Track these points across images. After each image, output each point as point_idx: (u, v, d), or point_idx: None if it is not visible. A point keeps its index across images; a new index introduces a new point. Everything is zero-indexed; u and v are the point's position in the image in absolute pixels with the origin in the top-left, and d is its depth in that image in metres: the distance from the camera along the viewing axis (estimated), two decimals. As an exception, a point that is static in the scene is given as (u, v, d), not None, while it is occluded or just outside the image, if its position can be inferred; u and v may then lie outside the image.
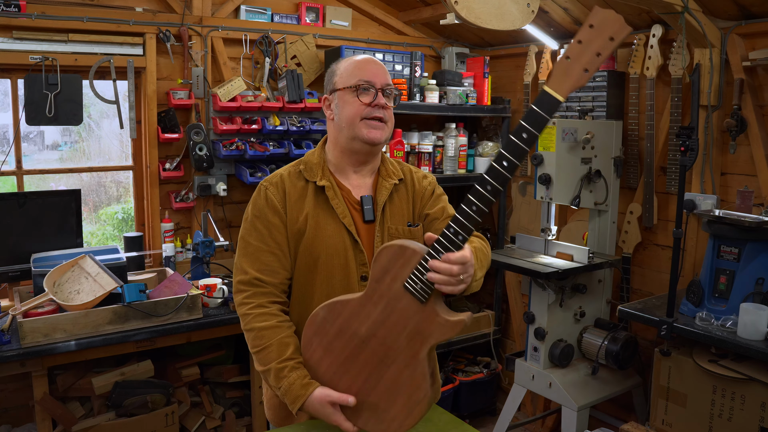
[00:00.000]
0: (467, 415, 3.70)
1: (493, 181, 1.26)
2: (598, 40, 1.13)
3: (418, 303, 1.42)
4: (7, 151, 2.95)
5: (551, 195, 2.88)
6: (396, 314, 1.44)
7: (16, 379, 2.84)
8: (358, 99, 1.62)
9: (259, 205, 1.68)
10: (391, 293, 1.44)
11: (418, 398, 1.47)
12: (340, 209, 1.65)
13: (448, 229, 1.34)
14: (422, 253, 1.38)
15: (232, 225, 3.39)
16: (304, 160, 1.72)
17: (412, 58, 3.52)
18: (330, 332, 1.52)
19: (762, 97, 2.72)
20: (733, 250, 2.42)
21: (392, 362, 1.47)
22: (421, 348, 1.44)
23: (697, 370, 2.43)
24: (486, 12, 2.12)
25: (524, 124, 1.20)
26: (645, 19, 2.97)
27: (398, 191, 1.73)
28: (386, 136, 1.67)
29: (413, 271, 1.40)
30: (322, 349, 1.53)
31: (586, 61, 1.14)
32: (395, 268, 1.42)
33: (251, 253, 1.66)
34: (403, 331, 1.45)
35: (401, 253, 1.41)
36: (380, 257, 1.44)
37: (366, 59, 1.69)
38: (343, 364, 1.51)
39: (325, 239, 1.64)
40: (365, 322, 1.47)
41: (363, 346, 1.49)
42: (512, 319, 3.91)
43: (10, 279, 2.78)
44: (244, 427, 3.02)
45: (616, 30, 1.12)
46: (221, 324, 2.67)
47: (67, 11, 2.85)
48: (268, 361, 1.58)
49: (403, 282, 1.42)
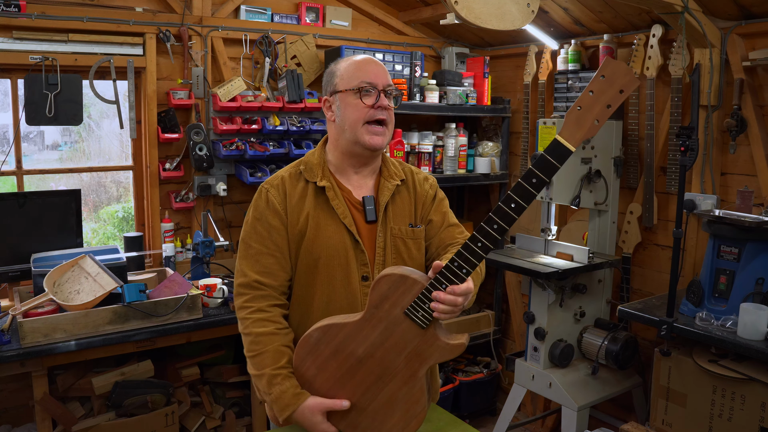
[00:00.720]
0: (467, 415, 3.70)
1: (500, 221, 1.29)
2: (609, 92, 1.15)
3: (419, 327, 1.44)
4: (7, 151, 2.95)
5: (551, 195, 2.88)
6: (395, 337, 1.46)
7: (16, 379, 2.84)
8: (360, 101, 1.62)
9: (260, 207, 1.68)
10: (391, 318, 1.45)
11: (416, 412, 1.49)
12: (340, 209, 1.65)
13: (453, 262, 1.38)
14: (424, 283, 1.41)
15: (232, 225, 3.39)
16: (304, 160, 1.72)
17: (412, 58, 3.52)
18: (324, 353, 1.51)
19: (762, 97, 2.72)
20: (733, 250, 2.42)
21: (390, 380, 1.48)
22: (420, 368, 1.46)
23: (697, 370, 2.43)
24: (486, 12, 2.12)
25: (535, 170, 1.22)
26: (645, 19, 2.97)
27: (400, 192, 1.73)
28: (387, 140, 1.67)
29: (415, 299, 1.42)
30: (316, 368, 1.53)
31: (597, 113, 1.16)
32: (395, 295, 1.44)
33: (251, 256, 1.65)
34: (402, 353, 1.46)
35: (402, 282, 1.43)
36: (379, 285, 1.44)
37: (366, 59, 1.68)
38: (339, 380, 1.51)
39: (326, 240, 1.64)
40: (363, 344, 1.47)
41: (360, 365, 1.49)
42: (512, 319, 3.91)
43: (10, 279, 2.78)
44: (244, 427, 3.02)
45: (626, 83, 1.15)
46: (221, 324, 2.67)
47: (67, 11, 2.85)
48: (262, 366, 1.58)
49: (403, 309, 1.44)
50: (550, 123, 2.87)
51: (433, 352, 1.45)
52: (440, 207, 1.78)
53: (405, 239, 1.69)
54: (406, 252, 1.69)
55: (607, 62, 1.15)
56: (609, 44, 3.11)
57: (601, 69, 1.14)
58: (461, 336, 1.46)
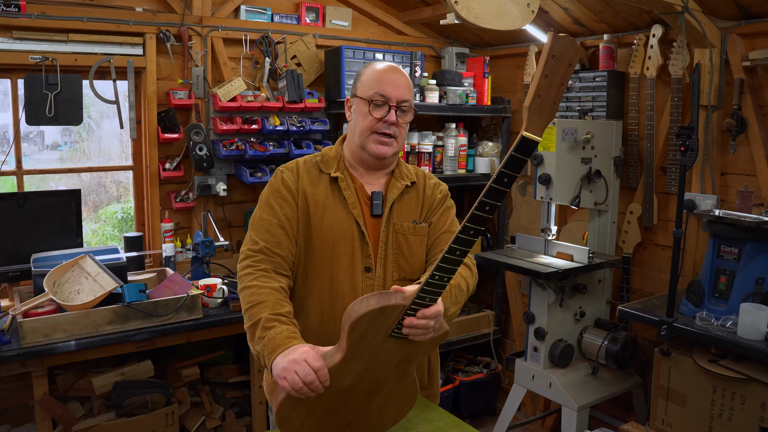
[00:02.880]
0: (467, 415, 3.70)
1: (476, 226, 1.23)
2: (561, 70, 1.11)
3: (404, 340, 1.41)
4: (7, 151, 2.94)
5: (551, 195, 2.88)
6: (381, 357, 1.41)
7: (16, 379, 2.84)
8: (370, 113, 1.65)
9: (274, 185, 1.71)
10: (374, 345, 1.39)
11: (410, 397, 1.52)
12: (351, 200, 1.69)
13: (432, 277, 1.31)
14: (405, 303, 1.35)
15: (232, 225, 3.39)
16: (322, 153, 1.78)
17: (412, 58, 3.52)
18: (309, 401, 1.41)
19: (762, 97, 2.72)
20: (733, 250, 2.42)
21: (381, 389, 1.47)
22: (409, 367, 1.47)
23: (697, 370, 2.43)
24: (486, 12, 2.12)
25: (506, 171, 1.16)
26: (645, 19, 2.97)
27: (408, 192, 1.76)
28: (394, 151, 1.69)
29: (398, 321, 1.37)
30: (304, 416, 1.44)
31: (554, 95, 1.12)
32: (376, 327, 1.36)
33: (263, 227, 1.66)
34: (390, 365, 1.44)
35: (381, 314, 1.34)
36: (359, 324, 1.34)
37: (388, 69, 1.69)
38: (330, 414, 1.46)
39: (335, 225, 1.67)
40: (349, 377, 1.41)
41: (348, 393, 1.44)
42: (512, 319, 3.91)
43: (10, 279, 2.78)
44: (244, 427, 3.02)
45: (573, 55, 1.11)
46: (221, 324, 2.67)
47: (67, 11, 2.85)
48: (258, 313, 1.50)
49: (387, 333, 1.38)
50: (550, 123, 2.86)
51: (419, 350, 1.44)
52: (445, 213, 1.80)
53: (407, 235, 1.73)
54: (407, 248, 1.72)
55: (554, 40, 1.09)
56: (609, 44, 3.11)
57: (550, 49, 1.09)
58: (442, 326, 1.45)
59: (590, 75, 3.19)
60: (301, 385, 1.34)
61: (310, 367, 1.35)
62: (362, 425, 1.52)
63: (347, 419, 1.49)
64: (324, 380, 1.36)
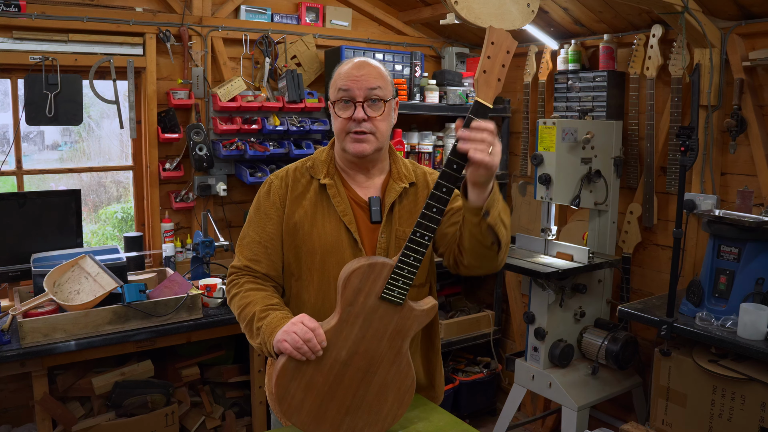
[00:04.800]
0: (467, 415, 3.70)
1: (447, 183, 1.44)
2: (501, 54, 1.40)
3: (395, 307, 1.47)
4: (7, 151, 2.95)
5: (551, 195, 2.88)
6: (375, 325, 1.48)
7: (16, 379, 2.84)
8: (337, 114, 1.61)
9: (261, 197, 1.72)
10: (367, 309, 1.47)
11: (407, 385, 1.53)
12: (341, 207, 1.64)
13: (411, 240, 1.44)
14: (392, 264, 1.46)
15: (232, 225, 3.39)
16: (314, 157, 1.74)
17: (412, 58, 3.52)
18: (307, 372, 1.47)
19: (762, 97, 2.72)
20: (733, 250, 2.42)
21: (378, 368, 1.50)
22: (402, 343, 1.50)
23: (697, 370, 2.43)
24: (486, 12, 2.11)
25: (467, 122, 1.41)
26: (645, 19, 2.97)
27: (408, 194, 1.70)
28: (375, 147, 1.62)
29: (388, 281, 1.46)
30: (302, 391, 1.48)
31: (498, 72, 1.40)
32: (368, 285, 1.46)
33: (246, 244, 1.71)
34: (384, 337, 1.49)
35: (371, 270, 1.46)
36: (350, 281, 1.46)
37: (351, 66, 1.62)
38: (329, 393, 1.49)
39: (323, 236, 1.63)
40: (345, 346, 1.48)
41: (346, 367, 1.49)
42: (512, 319, 3.91)
43: (10, 279, 2.78)
44: (244, 427, 3.02)
45: (509, 44, 1.40)
46: (221, 324, 2.67)
47: (67, 11, 2.85)
48: (250, 311, 1.58)
49: (378, 295, 1.46)
50: (550, 123, 2.86)
51: (411, 324, 1.50)
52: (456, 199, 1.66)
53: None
54: None
55: (491, 31, 1.38)
56: (609, 44, 3.11)
57: (489, 37, 1.38)
58: (430, 299, 1.54)
59: (590, 75, 3.19)
60: (301, 343, 1.42)
61: (307, 327, 1.44)
62: (361, 416, 1.51)
63: (346, 405, 1.50)
64: (321, 340, 1.44)
